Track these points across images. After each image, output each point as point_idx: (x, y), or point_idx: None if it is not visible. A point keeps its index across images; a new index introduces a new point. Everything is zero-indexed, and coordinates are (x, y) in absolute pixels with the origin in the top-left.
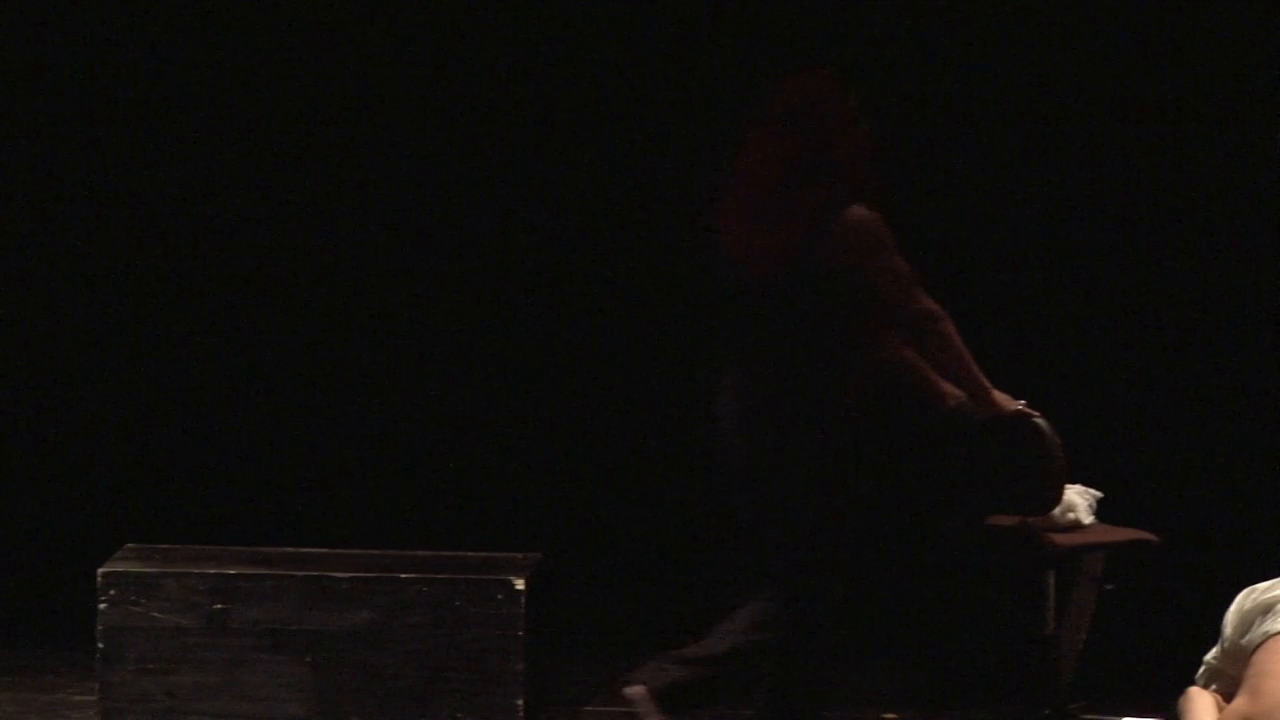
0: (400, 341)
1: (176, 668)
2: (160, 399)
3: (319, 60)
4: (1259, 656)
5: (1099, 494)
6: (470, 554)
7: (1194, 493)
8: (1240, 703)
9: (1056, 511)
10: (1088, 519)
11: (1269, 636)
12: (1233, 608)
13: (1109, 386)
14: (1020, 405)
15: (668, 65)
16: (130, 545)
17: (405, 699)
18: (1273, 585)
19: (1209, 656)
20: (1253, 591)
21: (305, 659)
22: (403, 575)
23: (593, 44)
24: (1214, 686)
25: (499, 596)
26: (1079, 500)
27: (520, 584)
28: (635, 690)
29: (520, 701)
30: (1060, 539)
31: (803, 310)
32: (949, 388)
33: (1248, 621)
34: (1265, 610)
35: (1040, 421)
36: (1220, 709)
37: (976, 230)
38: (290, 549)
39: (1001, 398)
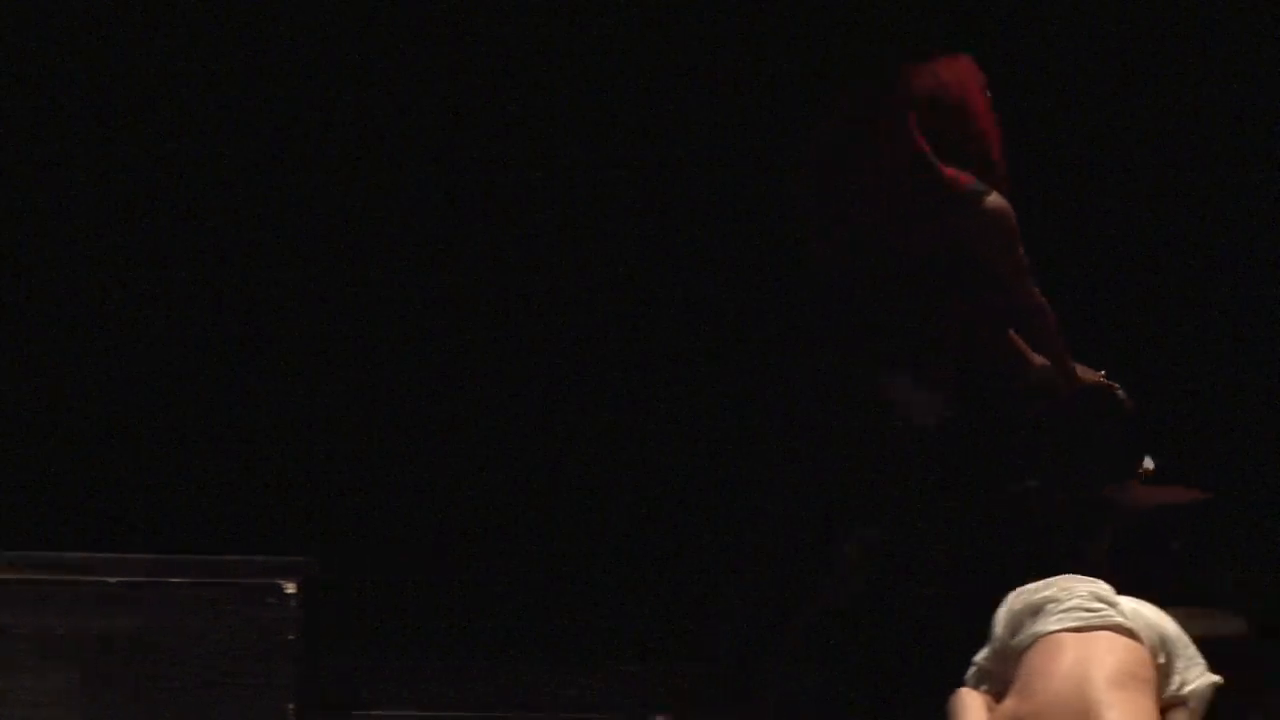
0: (166, 339)
1: None
2: None
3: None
4: (1029, 656)
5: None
6: (241, 558)
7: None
8: (1010, 703)
9: None
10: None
11: (1039, 637)
12: (1003, 608)
13: (1172, 353)
14: (1100, 376)
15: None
16: None
17: (176, 704)
18: (1042, 586)
19: (979, 657)
20: (1023, 592)
21: (74, 665)
22: (173, 579)
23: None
24: (984, 687)
25: (270, 601)
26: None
27: (291, 588)
28: None
29: (291, 706)
30: (1131, 500)
31: (936, 291)
32: (1035, 356)
33: (1018, 622)
34: (1035, 611)
35: (1120, 393)
36: (991, 709)
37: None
38: (57, 553)
39: (1083, 370)
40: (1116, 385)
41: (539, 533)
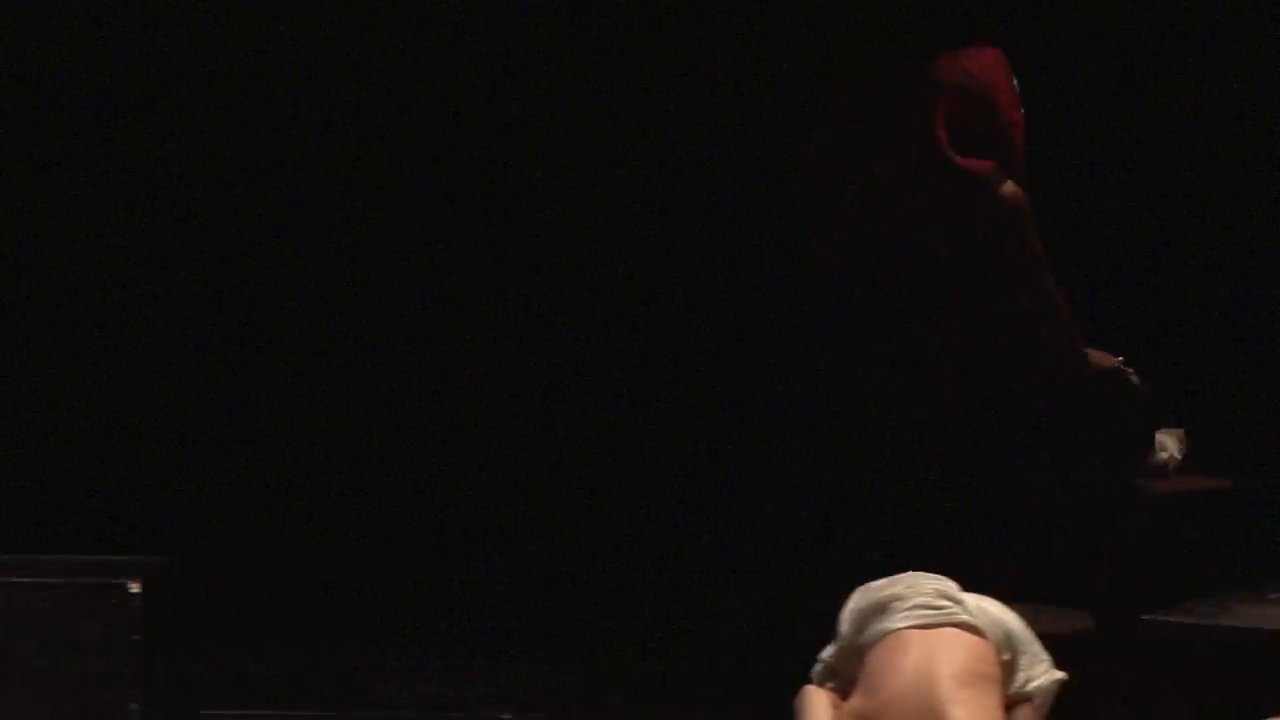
0: (35, 336)
1: None
2: None
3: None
4: (874, 654)
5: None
6: (85, 557)
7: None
8: (856, 700)
9: None
10: (1179, 455)
11: (884, 634)
12: (849, 605)
13: (1194, 342)
14: (1117, 361)
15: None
16: None
17: (20, 705)
18: (887, 584)
19: (825, 654)
20: (869, 589)
21: None
22: (16, 579)
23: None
24: (830, 684)
25: (113, 600)
26: (1168, 440)
27: (135, 587)
28: None
29: (135, 706)
30: (1152, 486)
31: (936, 290)
32: (1047, 345)
33: (863, 619)
34: (880, 608)
35: (1134, 379)
36: (837, 706)
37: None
38: None
39: (1099, 355)
40: (1131, 371)
41: (538, 533)
